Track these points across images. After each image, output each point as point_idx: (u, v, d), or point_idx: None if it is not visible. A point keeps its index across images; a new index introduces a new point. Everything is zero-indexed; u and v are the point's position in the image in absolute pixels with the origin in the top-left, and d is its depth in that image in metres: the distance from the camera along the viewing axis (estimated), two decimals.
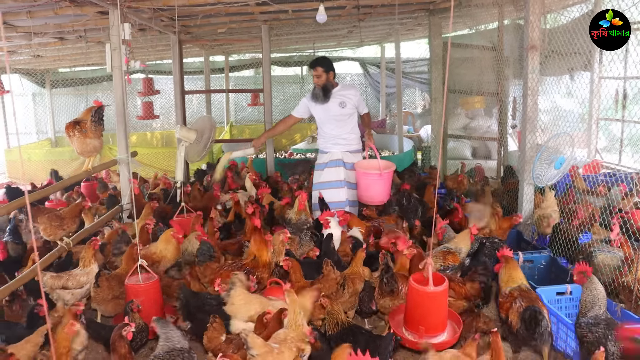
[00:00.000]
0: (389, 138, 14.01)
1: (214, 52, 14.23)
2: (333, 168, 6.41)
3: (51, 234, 4.92)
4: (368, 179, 5.99)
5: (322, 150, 6.61)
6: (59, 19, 6.75)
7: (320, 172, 6.51)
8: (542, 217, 5.64)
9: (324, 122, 6.47)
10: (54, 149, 14.28)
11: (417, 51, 17.29)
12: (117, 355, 3.17)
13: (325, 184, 6.42)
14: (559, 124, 5.93)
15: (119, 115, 6.28)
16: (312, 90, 6.44)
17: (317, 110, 6.42)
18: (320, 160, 6.62)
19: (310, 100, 6.43)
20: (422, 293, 3.71)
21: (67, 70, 15.24)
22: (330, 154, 6.46)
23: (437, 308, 3.76)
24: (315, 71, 6.31)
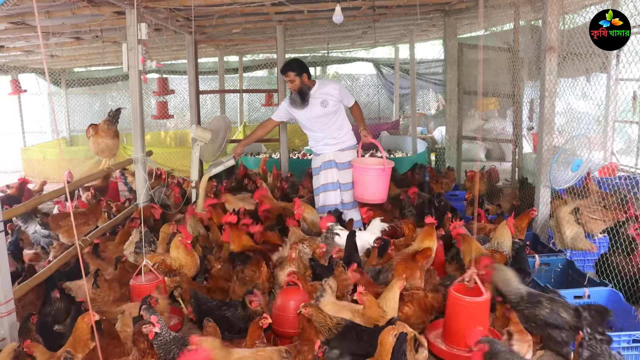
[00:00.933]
0: (402, 139, 13.96)
1: (228, 52, 14.27)
2: (327, 170, 6.23)
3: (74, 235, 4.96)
4: (369, 176, 5.81)
5: (315, 153, 6.42)
6: (76, 19, 6.80)
7: (317, 176, 6.35)
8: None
9: (308, 125, 6.27)
10: (69, 147, 14.39)
11: (431, 52, 17.22)
12: (137, 350, 3.19)
13: (321, 187, 6.28)
14: (574, 126, 5.88)
15: (135, 114, 6.32)
16: (290, 96, 6.25)
17: (299, 114, 6.22)
18: (314, 164, 6.43)
19: (289, 105, 6.22)
20: (462, 303, 3.62)
21: (83, 69, 15.34)
22: (323, 156, 6.27)
23: (476, 319, 3.60)
24: (287, 77, 6.07)
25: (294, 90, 6.10)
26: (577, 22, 6.31)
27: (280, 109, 6.37)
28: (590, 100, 6.41)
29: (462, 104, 9.36)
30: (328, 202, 6.19)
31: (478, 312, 3.65)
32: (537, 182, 5.81)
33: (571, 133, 5.79)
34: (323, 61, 16.83)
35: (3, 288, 3.53)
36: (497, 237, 4.88)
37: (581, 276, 4.72)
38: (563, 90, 6.09)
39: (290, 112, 6.26)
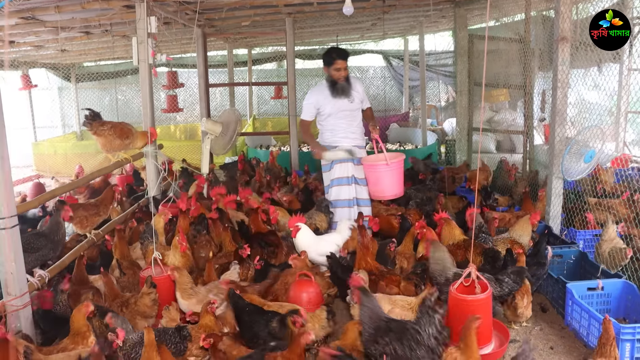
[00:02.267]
0: (412, 131, 13.93)
1: (237, 45, 14.26)
2: (342, 164, 6.04)
3: (88, 225, 4.98)
4: (376, 172, 5.80)
5: (330, 145, 6.12)
6: (86, 13, 6.81)
7: (332, 170, 6.12)
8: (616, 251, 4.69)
9: (331, 116, 6.07)
10: (79, 142, 14.46)
11: (441, 44, 17.11)
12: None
13: (335, 180, 6.10)
14: (586, 117, 5.82)
15: (146, 108, 6.32)
16: (332, 85, 5.96)
17: (327, 105, 6.03)
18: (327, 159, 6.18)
19: (322, 96, 6.00)
20: (462, 302, 3.60)
21: (92, 64, 15.39)
22: (338, 150, 6.04)
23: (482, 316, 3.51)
24: (342, 64, 5.89)
25: (340, 78, 5.93)
26: (589, 11, 6.24)
27: (307, 107, 6.12)
28: (602, 91, 6.34)
29: (473, 95, 9.30)
30: (341, 196, 6.06)
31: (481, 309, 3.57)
32: (549, 173, 5.76)
33: (583, 124, 5.74)
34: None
35: (19, 282, 3.56)
36: (517, 229, 5.16)
37: (594, 268, 4.70)
38: (575, 81, 6.03)
39: (319, 103, 6.03)
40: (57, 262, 4.52)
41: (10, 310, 3.52)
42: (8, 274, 3.51)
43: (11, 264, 3.50)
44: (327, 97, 6.01)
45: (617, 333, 3.57)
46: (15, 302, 3.54)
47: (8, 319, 3.54)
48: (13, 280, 3.53)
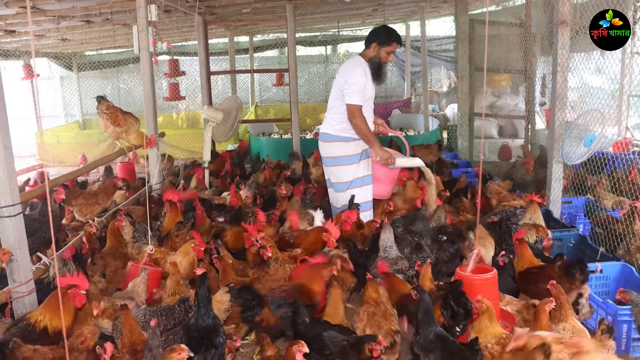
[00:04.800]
0: (414, 117, 13.92)
1: (238, 32, 14.24)
2: (367, 160, 5.43)
3: (87, 213, 5.02)
4: (394, 171, 5.45)
5: (350, 137, 5.29)
6: (86, 2, 6.83)
7: (356, 165, 5.35)
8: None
9: (366, 104, 5.29)
10: (82, 131, 14.52)
11: (443, 29, 17.05)
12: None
13: (360, 179, 5.38)
14: (588, 102, 5.82)
15: (147, 96, 6.35)
16: (378, 69, 5.23)
17: (370, 88, 5.28)
18: (351, 149, 5.33)
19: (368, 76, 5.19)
20: (468, 282, 3.59)
21: (94, 53, 15.40)
22: (359, 142, 5.34)
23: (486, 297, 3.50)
24: (395, 47, 5.26)
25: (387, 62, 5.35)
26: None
27: (361, 90, 5.09)
28: (604, 75, 6.33)
29: (474, 80, 9.30)
30: (369, 197, 5.47)
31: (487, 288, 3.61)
32: (549, 157, 5.78)
33: (585, 108, 5.74)
34: (334, 40, 16.74)
35: (23, 268, 3.62)
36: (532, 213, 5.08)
37: (594, 251, 4.73)
38: (577, 65, 6.03)
39: (367, 85, 5.18)
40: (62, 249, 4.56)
41: (16, 297, 3.59)
42: (13, 261, 3.57)
43: (16, 251, 3.56)
44: (369, 80, 5.22)
45: (614, 315, 3.63)
46: (20, 288, 3.60)
47: (14, 305, 3.60)
48: (18, 268, 3.60)
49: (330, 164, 5.46)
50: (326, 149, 5.45)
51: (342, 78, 5.18)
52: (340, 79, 5.20)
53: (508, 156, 9.33)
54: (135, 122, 5.57)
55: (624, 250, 4.72)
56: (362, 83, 5.08)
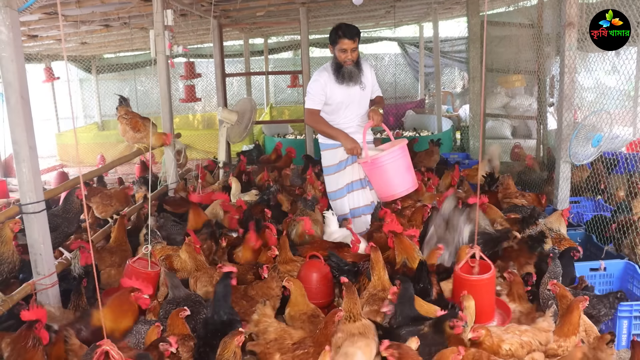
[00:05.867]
0: (427, 118, 14.00)
1: (253, 35, 14.42)
2: (354, 165, 5.32)
3: (103, 211, 5.22)
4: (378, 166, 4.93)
5: (333, 145, 5.28)
6: (105, 7, 7.04)
7: (341, 173, 5.33)
8: None
9: (340, 107, 5.23)
10: (100, 132, 14.81)
11: (457, 30, 17.13)
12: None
13: (347, 187, 5.34)
14: (602, 102, 5.86)
15: (164, 98, 6.54)
16: (338, 70, 5.10)
17: (337, 93, 5.16)
18: (334, 159, 5.32)
19: (330, 81, 5.13)
20: (466, 282, 3.64)
21: (112, 55, 15.69)
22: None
23: (484, 296, 3.62)
24: (351, 44, 4.99)
25: (350, 62, 5.08)
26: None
27: (315, 93, 5.16)
28: (619, 75, 6.35)
29: (485, 81, 9.37)
30: (359, 203, 5.34)
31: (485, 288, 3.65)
32: (557, 157, 5.87)
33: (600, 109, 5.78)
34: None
35: (47, 262, 3.81)
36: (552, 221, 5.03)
37: (599, 250, 4.81)
38: (591, 65, 6.07)
39: (326, 90, 5.14)
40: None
41: (40, 289, 3.78)
42: (37, 255, 3.76)
43: (40, 246, 3.75)
44: (334, 82, 5.15)
45: (615, 310, 3.72)
46: (44, 281, 3.79)
47: (38, 296, 3.80)
48: (42, 261, 3.79)
49: (326, 174, 5.53)
50: (322, 159, 5.56)
51: None
52: None
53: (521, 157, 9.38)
54: (153, 127, 5.73)
55: (628, 249, 4.79)
56: (317, 88, 5.12)
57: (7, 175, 10.43)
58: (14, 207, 3.84)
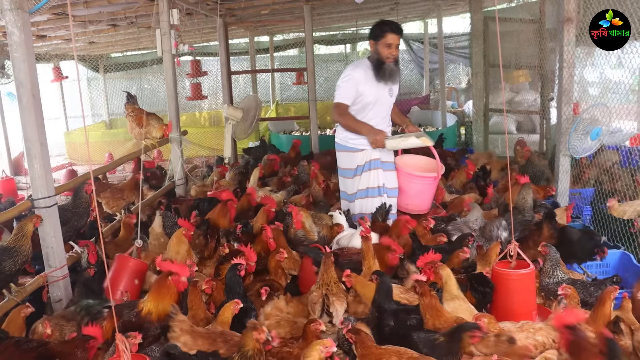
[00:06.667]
0: (432, 114, 14.08)
1: (258, 32, 14.55)
2: (372, 171, 5.10)
3: (113, 206, 5.36)
4: (422, 183, 5.08)
5: (354, 148, 5.09)
6: (112, 7, 7.18)
7: (357, 177, 5.14)
8: None
9: (368, 108, 5.03)
10: (108, 130, 15.00)
11: (462, 26, 17.17)
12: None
13: (362, 192, 5.15)
14: (607, 96, 5.93)
15: (170, 96, 6.67)
16: (379, 67, 4.90)
17: (370, 91, 4.96)
18: (352, 162, 5.14)
19: (366, 78, 4.93)
20: (506, 277, 3.61)
21: (119, 55, 15.86)
22: (366, 153, 5.06)
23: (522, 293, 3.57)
24: (396, 39, 4.84)
25: (392, 59, 4.92)
26: None
27: (347, 85, 4.93)
28: (625, 69, 6.40)
29: (489, 77, 9.45)
30: (369, 210, 5.11)
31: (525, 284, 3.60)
32: (556, 151, 5.95)
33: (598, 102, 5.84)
34: (353, 38, 16.97)
35: (58, 255, 3.96)
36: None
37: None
38: (596, 60, 6.14)
39: (358, 87, 4.94)
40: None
41: (52, 281, 3.93)
42: (49, 248, 3.91)
43: (51, 239, 3.90)
44: (370, 79, 4.95)
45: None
46: (55, 273, 3.93)
47: (50, 288, 3.94)
48: (53, 254, 3.94)
49: (341, 175, 5.37)
50: (337, 158, 5.36)
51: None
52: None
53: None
54: (158, 121, 5.84)
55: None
56: (349, 84, 4.91)
57: (17, 174, 10.61)
58: (26, 201, 3.99)
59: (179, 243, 4.44)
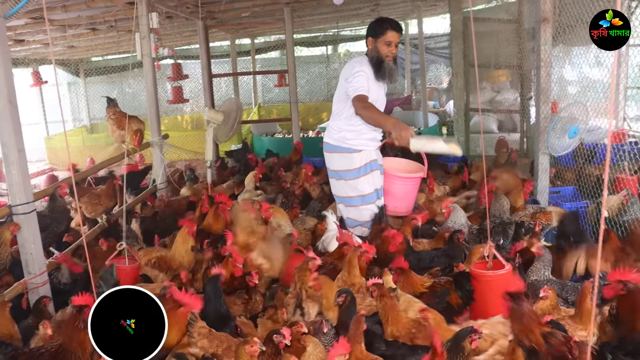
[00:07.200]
0: (414, 114, 14.16)
1: (239, 35, 14.53)
2: (373, 173, 4.90)
3: (92, 211, 5.32)
4: (408, 184, 5.00)
5: (351, 149, 4.85)
6: (91, 11, 7.12)
7: (356, 180, 4.87)
8: None
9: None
10: (89, 135, 14.87)
11: (442, 26, 17.30)
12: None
13: (365, 197, 4.89)
14: (587, 94, 6.02)
15: (151, 100, 6.65)
16: (379, 65, 4.72)
17: (373, 89, 4.77)
18: (349, 163, 4.87)
19: (370, 76, 4.73)
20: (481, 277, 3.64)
21: (100, 59, 15.74)
22: (365, 154, 4.87)
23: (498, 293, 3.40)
24: (397, 37, 4.70)
25: (391, 57, 4.75)
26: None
27: (363, 82, 4.63)
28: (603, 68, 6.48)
29: (469, 76, 9.53)
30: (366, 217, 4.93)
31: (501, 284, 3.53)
32: (535, 149, 6.03)
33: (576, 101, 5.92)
34: (334, 40, 17.01)
35: (38, 261, 3.92)
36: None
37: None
38: (574, 59, 6.22)
39: (369, 84, 4.72)
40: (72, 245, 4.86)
41: (32, 288, 3.89)
42: (28, 255, 3.87)
43: (31, 246, 3.86)
44: (372, 77, 4.77)
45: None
46: (35, 280, 3.90)
47: (30, 295, 3.90)
48: (33, 261, 3.90)
49: (335, 177, 5.04)
50: (328, 160, 5.06)
51: (344, 76, 4.81)
52: (342, 79, 4.86)
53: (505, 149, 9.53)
54: (139, 124, 5.82)
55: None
56: (363, 77, 4.63)
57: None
58: (4, 208, 3.95)
59: (184, 242, 4.50)
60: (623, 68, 8.73)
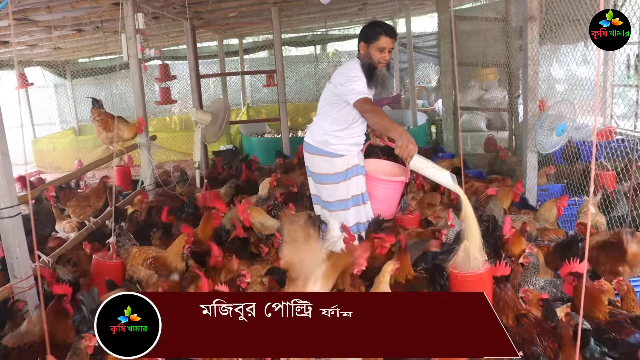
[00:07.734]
0: (403, 113, 14.17)
1: (227, 35, 14.47)
2: (357, 177, 4.71)
3: (80, 214, 5.27)
4: (390, 187, 4.85)
5: (333, 153, 4.63)
6: (76, 12, 7.04)
7: (344, 183, 4.65)
8: None
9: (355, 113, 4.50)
10: (77, 137, 14.76)
11: (431, 25, 17.36)
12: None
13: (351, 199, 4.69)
14: (574, 92, 6.04)
15: (138, 101, 6.60)
16: (371, 72, 4.44)
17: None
18: (330, 167, 4.65)
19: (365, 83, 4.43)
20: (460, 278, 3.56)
21: (87, 60, 15.63)
22: (347, 159, 4.66)
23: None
24: (391, 43, 4.44)
25: (384, 64, 4.49)
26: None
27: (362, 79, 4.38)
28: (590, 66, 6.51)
29: (458, 75, 9.54)
30: (360, 219, 4.74)
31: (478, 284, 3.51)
32: (523, 147, 6.05)
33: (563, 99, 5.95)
34: (322, 39, 17.00)
35: (24, 265, 3.86)
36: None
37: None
38: (562, 57, 6.25)
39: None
40: (59, 249, 4.81)
41: (18, 292, 3.83)
42: (14, 259, 3.81)
43: (16, 250, 3.80)
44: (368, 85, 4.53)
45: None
46: (21, 284, 3.84)
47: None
48: (18, 265, 3.84)
49: (317, 181, 4.81)
50: (309, 161, 4.82)
51: (337, 79, 4.50)
52: (336, 80, 4.51)
53: (493, 148, 9.56)
54: (126, 124, 5.78)
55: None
56: (363, 83, 4.37)
57: None
58: None
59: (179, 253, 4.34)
60: (610, 66, 8.79)
